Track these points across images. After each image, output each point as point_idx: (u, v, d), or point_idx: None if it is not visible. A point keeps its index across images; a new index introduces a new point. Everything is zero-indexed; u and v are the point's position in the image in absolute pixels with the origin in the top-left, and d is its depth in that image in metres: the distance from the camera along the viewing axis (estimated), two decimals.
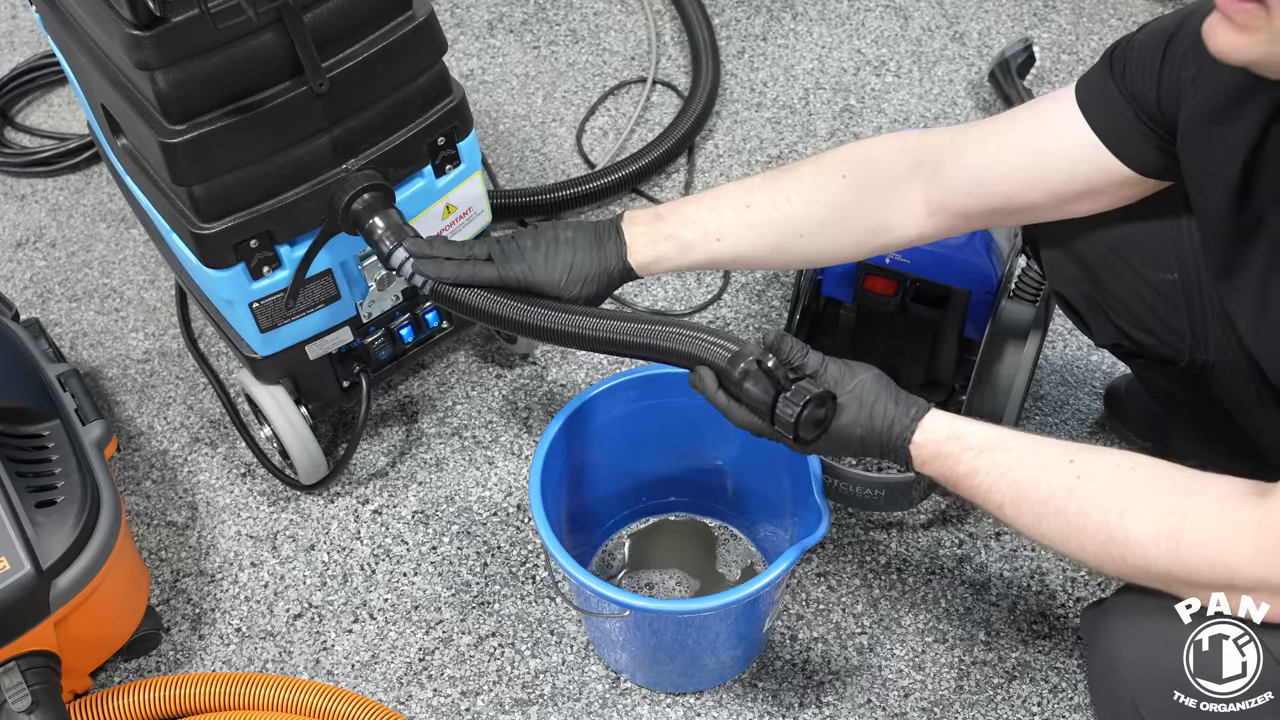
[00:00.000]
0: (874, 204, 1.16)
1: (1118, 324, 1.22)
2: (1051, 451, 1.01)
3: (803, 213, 1.16)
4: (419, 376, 1.74)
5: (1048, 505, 0.98)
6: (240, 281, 1.32)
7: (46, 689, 1.25)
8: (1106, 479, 0.97)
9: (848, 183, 1.15)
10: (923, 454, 1.04)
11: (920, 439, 1.03)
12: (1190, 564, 0.91)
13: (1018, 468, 1.00)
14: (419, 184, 1.39)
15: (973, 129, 1.16)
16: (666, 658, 1.36)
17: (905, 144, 1.17)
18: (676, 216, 1.18)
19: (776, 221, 1.17)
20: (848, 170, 1.15)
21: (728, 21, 2.21)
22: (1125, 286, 1.19)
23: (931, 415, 1.04)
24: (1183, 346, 1.19)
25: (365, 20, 1.26)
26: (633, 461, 1.46)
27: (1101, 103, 1.07)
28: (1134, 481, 0.96)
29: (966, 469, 1.02)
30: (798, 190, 1.16)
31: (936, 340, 1.52)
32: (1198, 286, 1.15)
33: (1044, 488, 0.99)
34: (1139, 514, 0.93)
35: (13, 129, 2.13)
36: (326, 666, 1.46)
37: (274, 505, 1.61)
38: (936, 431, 1.03)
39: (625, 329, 1.12)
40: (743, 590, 1.18)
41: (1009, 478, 1.00)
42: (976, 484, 1.02)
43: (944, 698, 1.40)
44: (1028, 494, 0.99)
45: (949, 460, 1.03)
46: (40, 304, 1.86)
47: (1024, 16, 2.19)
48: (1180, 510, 0.92)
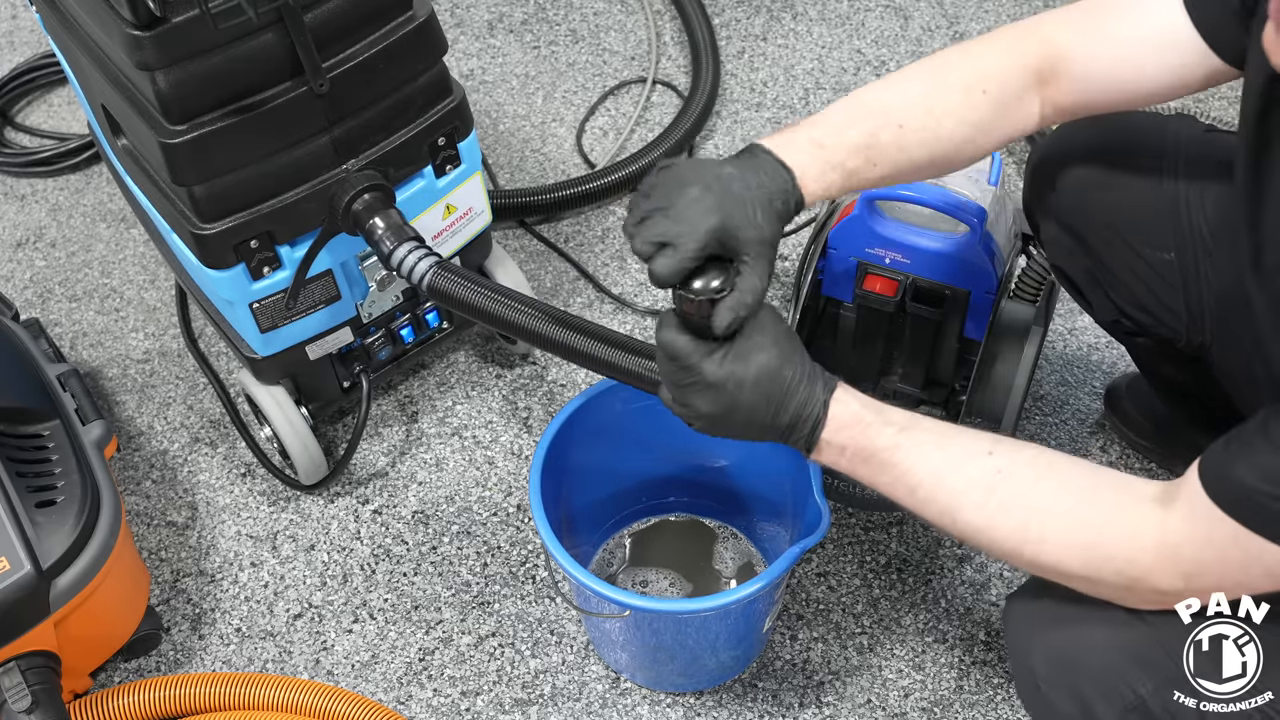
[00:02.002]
0: (1008, 117, 1.12)
1: (1115, 302, 1.22)
2: (969, 440, 0.99)
3: (953, 131, 1.11)
4: (419, 376, 1.74)
5: (966, 496, 0.97)
6: (240, 282, 1.32)
7: (46, 689, 1.25)
8: (1026, 477, 0.97)
9: (988, 98, 1.10)
10: (842, 415, 0.99)
11: (843, 396, 0.99)
12: (1100, 572, 0.93)
13: (938, 450, 0.98)
14: (419, 184, 1.39)
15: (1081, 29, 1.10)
16: (666, 658, 1.36)
17: (1021, 58, 1.11)
18: (837, 141, 1.10)
19: (927, 142, 1.11)
20: (988, 86, 1.10)
21: (728, 21, 2.21)
22: (1122, 263, 1.19)
23: (844, 386, 1.01)
24: (1179, 326, 1.19)
25: (365, 20, 1.26)
26: (633, 462, 1.46)
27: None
28: (1052, 484, 0.96)
29: (887, 442, 0.98)
30: (947, 111, 1.11)
31: (936, 340, 1.52)
32: (1195, 266, 1.16)
33: (963, 477, 0.97)
34: (1055, 522, 0.94)
35: (13, 129, 2.12)
36: (326, 666, 1.46)
37: (274, 505, 1.61)
38: (856, 398, 1.00)
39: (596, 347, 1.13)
40: (743, 590, 1.18)
41: (929, 460, 0.98)
42: (895, 460, 0.98)
43: (944, 698, 1.40)
44: (946, 480, 0.97)
45: (869, 429, 0.99)
46: (40, 304, 1.86)
47: (1023, 16, 2.18)
48: (1093, 523, 0.93)
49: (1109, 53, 1.08)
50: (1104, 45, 1.09)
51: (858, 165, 1.09)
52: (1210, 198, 1.15)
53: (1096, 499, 0.95)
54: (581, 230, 1.90)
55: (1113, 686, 0.96)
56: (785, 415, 0.99)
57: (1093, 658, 0.97)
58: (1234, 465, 0.86)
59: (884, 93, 1.13)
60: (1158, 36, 1.05)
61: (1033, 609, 1.05)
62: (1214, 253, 1.14)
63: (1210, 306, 1.16)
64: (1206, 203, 1.15)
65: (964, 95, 1.11)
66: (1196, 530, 0.88)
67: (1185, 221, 1.15)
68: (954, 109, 1.11)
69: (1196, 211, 1.15)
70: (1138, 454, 1.59)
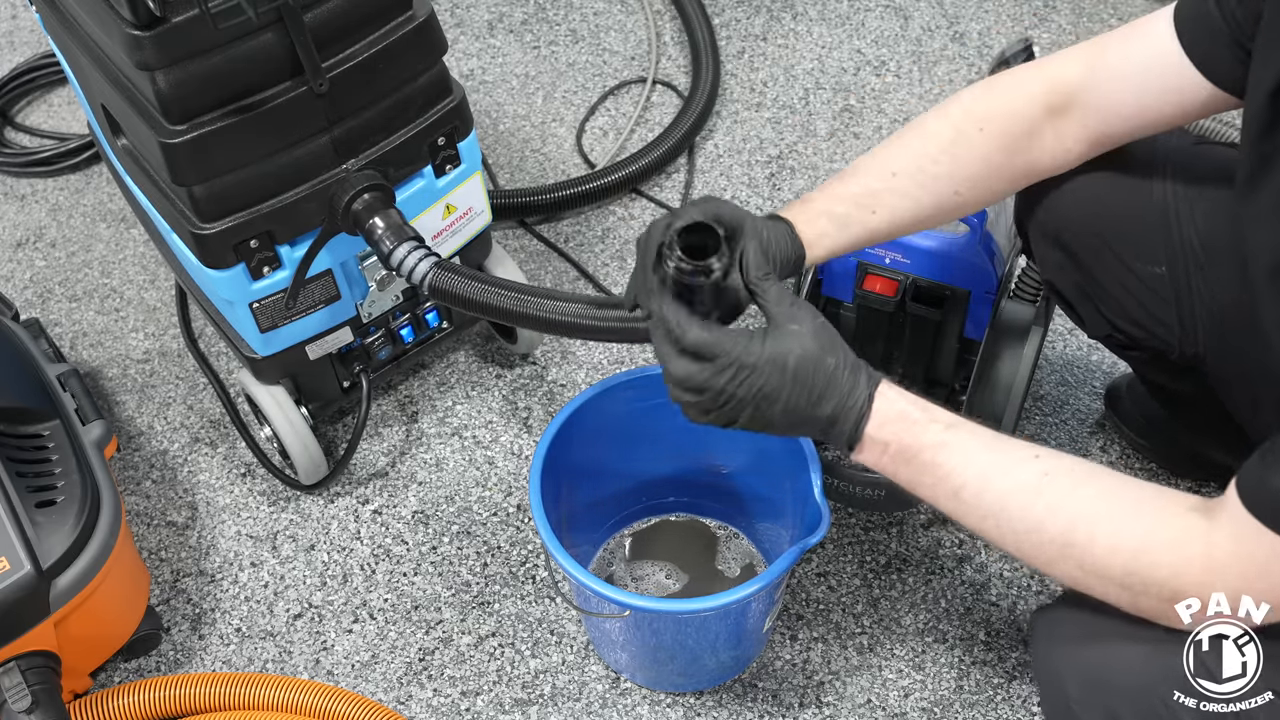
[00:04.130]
0: (1021, 154, 1.13)
1: (1107, 316, 1.22)
2: (1014, 444, 0.99)
3: (953, 171, 1.12)
4: (419, 376, 1.74)
5: (1013, 498, 0.95)
6: (240, 281, 1.32)
7: (46, 689, 1.25)
8: (1071, 481, 0.96)
9: (986, 135, 1.11)
10: (887, 411, 0.97)
11: (888, 391, 0.98)
12: (1145, 581, 0.91)
13: (986, 452, 0.97)
14: (419, 184, 1.39)
15: (1084, 62, 1.11)
16: (666, 657, 1.36)
17: (1027, 94, 1.12)
18: (822, 195, 1.14)
19: (927, 185, 1.13)
20: (985, 124, 1.12)
21: (728, 21, 2.21)
22: (1113, 278, 1.19)
23: (890, 383, 0.99)
24: (1172, 339, 1.19)
25: (365, 20, 1.26)
26: (633, 462, 1.46)
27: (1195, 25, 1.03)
28: (1097, 489, 0.95)
29: (933, 440, 0.96)
30: (942, 150, 1.12)
31: (936, 340, 1.52)
32: (1186, 280, 1.15)
33: (1010, 479, 0.96)
34: (1103, 526, 0.93)
35: (13, 129, 2.13)
36: (326, 666, 1.46)
37: (274, 505, 1.61)
38: (901, 395, 0.98)
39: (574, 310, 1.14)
40: (743, 590, 1.18)
41: (977, 461, 0.96)
42: (940, 459, 0.96)
43: (944, 698, 1.40)
44: (993, 482, 0.96)
45: (914, 426, 0.97)
46: (40, 304, 1.86)
47: (1024, 16, 2.19)
48: (1140, 529, 0.92)
49: (1119, 82, 1.09)
50: (1113, 75, 1.09)
51: (848, 210, 1.12)
52: (1201, 210, 1.15)
53: (1141, 506, 0.94)
54: (581, 230, 1.90)
55: (1149, 706, 0.94)
56: (827, 405, 0.97)
57: (1128, 677, 0.96)
58: (1271, 477, 0.85)
59: (878, 149, 1.16)
60: (1157, 65, 1.06)
61: (1063, 625, 1.03)
62: (1206, 267, 1.14)
63: (1204, 319, 1.16)
64: (1197, 215, 1.15)
65: (956, 135, 1.12)
66: (1240, 547, 0.87)
67: (1176, 234, 1.15)
68: (948, 147, 1.12)
69: (1187, 224, 1.15)
70: (1138, 454, 1.59)
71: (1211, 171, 1.16)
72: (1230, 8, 0.99)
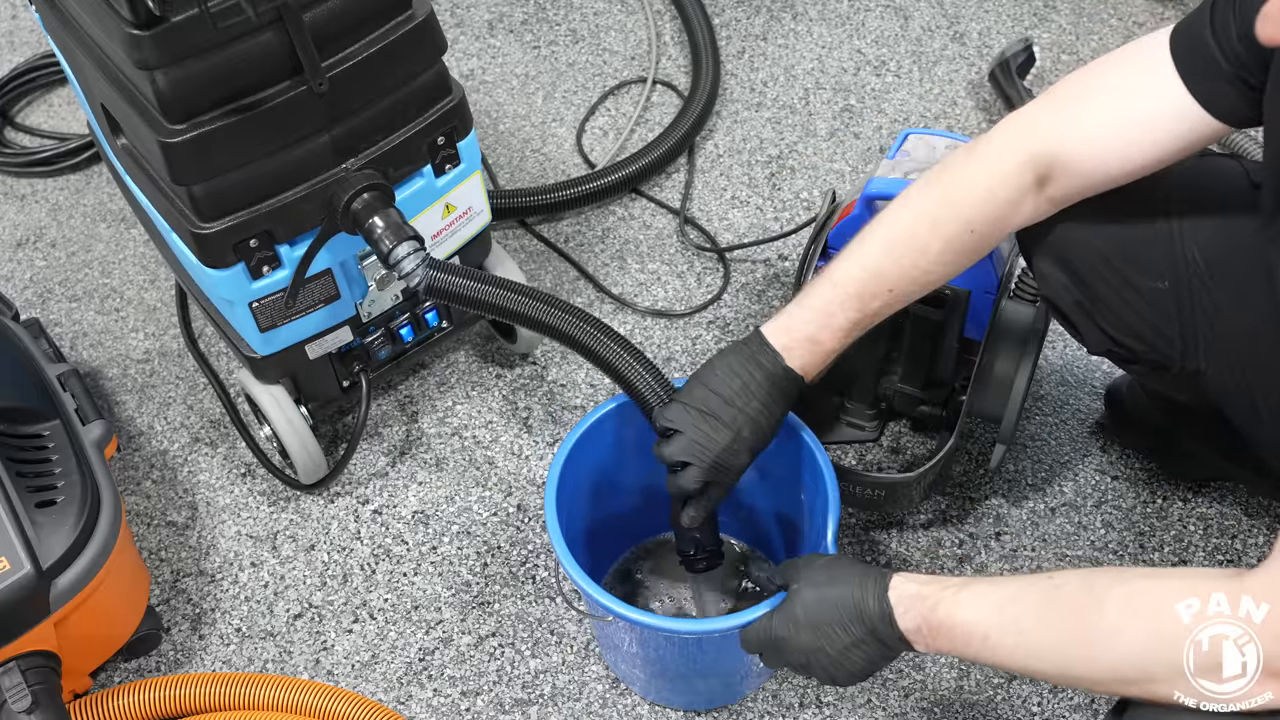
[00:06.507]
0: (1005, 225, 1.17)
1: (1109, 332, 1.21)
2: (1026, 576, 1.06)
3: (945, 273, 1.19)
4: (419, 376, 1.74)
5: (1025, 619, 1.00)
6: (240, 281, 1.32)
7: (46, 689, 1.25)
8: (1081, 579, 1.00)
9: (977, 236, 1.16)
10: (903, 601, 1.06)
11: (899, 583, 1.07)
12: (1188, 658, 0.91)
13: (995, 588, 1.03)
14: (419, 184, 1.39)
15: (1071, 119, 1.12)
16: (696, 676, 1.34)
17: (1016, 158, 1.13)
18: (827, 333, 1.20)
19: (919, 290, 1.20)
20: (975, 225, 1.15)
21: (728, 21, 2.21)
22: (1116, 294, 1.18)
23: (904, 574, 1.09)
24: (1174, 354, 1.19)
25: (365, 20, 1.26)
26: (650, 477, 1.43)
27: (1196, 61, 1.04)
28: (1108, 578, 0.99)
29: (949, 604, 1.03)
30: (933, 264, 1.18)
31: (936, 340, 1.52)
32: (1189, 294, 1.15)
33: (1020, 603, 1.01)
34: (1115, 598, 0.95)
35: (13, 129, 2.13)
36: (326, 666, 1.46)
37: (274, 505, 1.61)
38: (912, 579, 1.07)
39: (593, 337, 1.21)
40: (757, 611, 1.16)
41: (989, 599, 1.02)
42: (960, 618, 1.03)
43: (944, 698, 1.40)
44: (1006, 609, 1.01)
45: (927, 601, 1.05)
46: (40, 304, 1.86)
47: (1024, 16, 2.19)
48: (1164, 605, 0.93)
49: (1108, 139, 1.10)
50: (1104, 132, 1.10)
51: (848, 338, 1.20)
52: (1204, 225, 1.15)
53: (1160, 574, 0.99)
54: (581, 230, 1.90)
55: None
56: (859, 626, 1.08)
57: None
58: None
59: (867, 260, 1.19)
60: (1157, 111, 1.06)
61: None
62: (1210, 281, 1.14)
63: (1206, 333, 1.16)
64: (1200, 230, 1.15)
65: (945, 246, 1.16)
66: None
67: (1179, 249, 1.15)
68: (937, 258, 1.17)
69: (1190, 238, 1.15)
70: (1138, 454, 1.59)
71: (1215, 185, 1.16)
72: (1230, 45, 1.01)
